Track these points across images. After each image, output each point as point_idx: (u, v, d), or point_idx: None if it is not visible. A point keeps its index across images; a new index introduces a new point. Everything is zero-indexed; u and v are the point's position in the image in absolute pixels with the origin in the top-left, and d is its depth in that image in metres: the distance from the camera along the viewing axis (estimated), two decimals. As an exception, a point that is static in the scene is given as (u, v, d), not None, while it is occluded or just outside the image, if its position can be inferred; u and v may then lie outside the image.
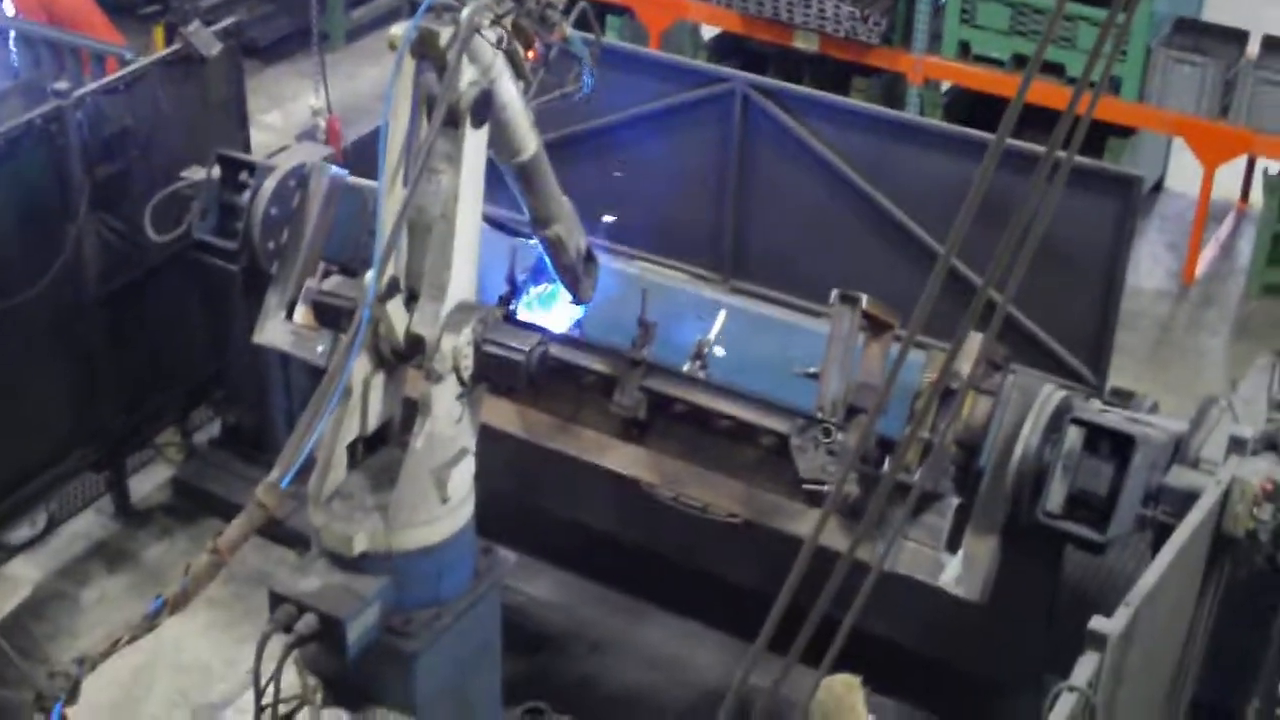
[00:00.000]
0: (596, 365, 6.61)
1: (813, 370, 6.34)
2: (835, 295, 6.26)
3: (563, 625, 7.99)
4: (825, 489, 6.26)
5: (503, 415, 6.86)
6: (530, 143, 5.86)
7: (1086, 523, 6.13)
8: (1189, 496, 6.03)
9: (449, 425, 5.65)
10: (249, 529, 5.24)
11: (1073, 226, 6.74)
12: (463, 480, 5.76)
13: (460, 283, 5.59)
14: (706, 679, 7.60)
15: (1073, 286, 6.91)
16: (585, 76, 6.14)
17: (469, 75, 5.38)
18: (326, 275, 6.85)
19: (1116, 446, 6.12)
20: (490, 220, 6.44)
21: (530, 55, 5.83)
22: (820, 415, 6.25)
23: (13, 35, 9.57)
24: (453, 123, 5.41)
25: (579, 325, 6.93)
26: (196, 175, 7.45)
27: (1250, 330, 10.81)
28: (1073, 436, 6.13)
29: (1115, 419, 6.22)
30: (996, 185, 6.90)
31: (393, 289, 5.47)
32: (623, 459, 6.66)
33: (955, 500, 6.26)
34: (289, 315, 7.16)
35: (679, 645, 7.87)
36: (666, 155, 7.52)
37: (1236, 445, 6.08)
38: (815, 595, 4.46)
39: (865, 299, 6.25)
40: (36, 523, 8.64)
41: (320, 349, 6.82)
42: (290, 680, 5.58)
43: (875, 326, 6.47)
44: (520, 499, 7.99)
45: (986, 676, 7.32)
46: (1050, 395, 6.21)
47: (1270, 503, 5.95)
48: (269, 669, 5.49)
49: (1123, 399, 7.16)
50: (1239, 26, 11.35)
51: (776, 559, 6.73)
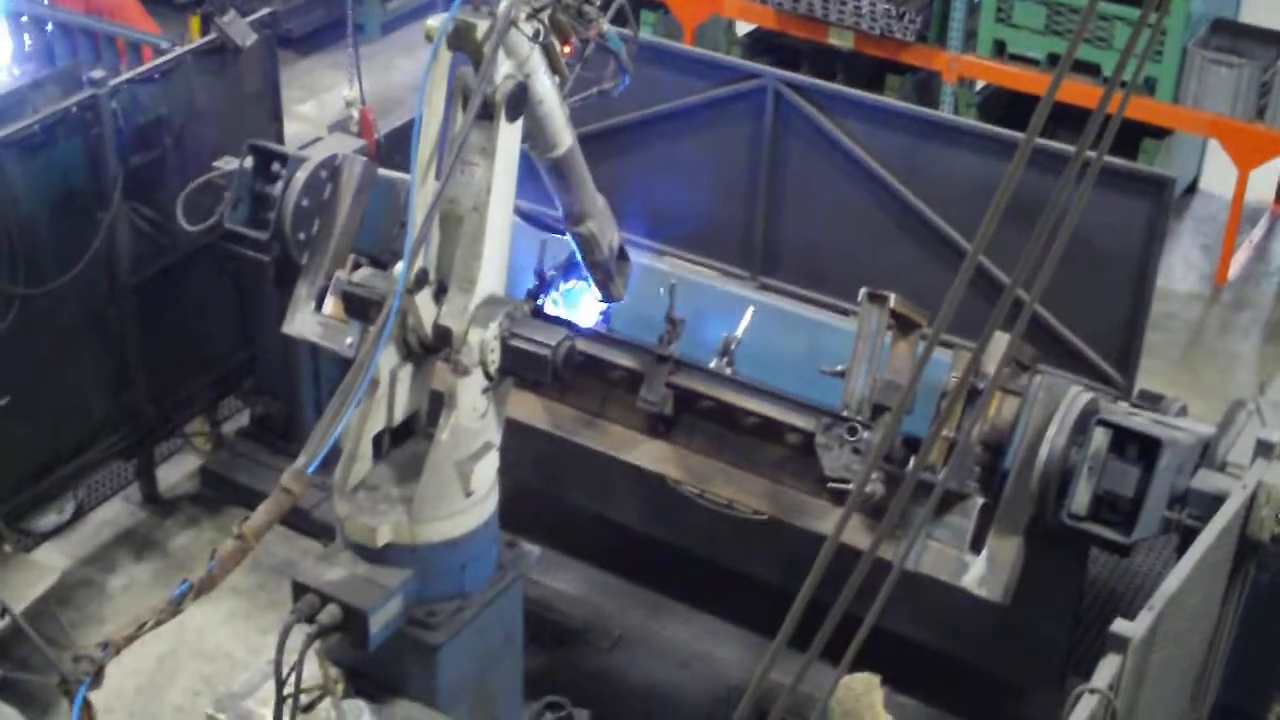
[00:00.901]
0: (624, 360, 6.61)
1: (839, 368, 6.33)
2: (863, 294, 6.24)
3: (587, 619, 8.00)
4: (849, 487, 6.26)
5: (530, 409, 6.88)
6: (565, 138, 5.87)
7: (1111, 525, 6.13)
8: (1215, 500, 6.02)
9: (474, 419, 5.66)
10: (275, 515, 5.27)
11: (1104, 227, 6.71)
12: (487, 474, 5.78)
13: (490, 276, 5.60)
14: (729, 675, 7.61)
15: (1102, 288, 6.87)
16: (622, 73, 6.14)
17: (505, 69, 5.39)
18: (357, 267, 6.89)
19: (1143, 449, 6.11)
20: (522, 214, 6.47)
21: (567, 50, 5.84)
22: (846, 413, 6.24)
23: (50, 24, 9.60)
24: (487, 116, 5.42)
25: (607, 320, 6.93)
26: (229, 165, 7.53)
27: (1283, 333, 10.79)
28: (1099, 438, 6.11)
29: (1142, 421, 6.20)
30: (1027, 185, 6.89)
31: (422, 280, 5.49)
32: (649, 454, 6.67)
33: (980, 500, 6.25)
34: (318, 306, 7.20)
35: (702, 641, 7.88)
36: (698, 151, 7.51)
37: (1263, 449, 6.06)
38: (837, 593, 4.45)
39: (893, 298, 6.23)
40: (64, 510, 8.70)
41: (349, 340, 6.86)
42: (313, 670, 5.59)
43: (903, 325, 6.45)
44: (547, 493, 8.02)
45: (1010, 678, 7.32)
46: (1077, 396, 6.20)
47: (1297, 507, 5.94)
48: (291, 659, 5.52)
49: (1151, 402, 7.12)
50: (1277, 28, 11.29)
51: (800, 557, 6.74)
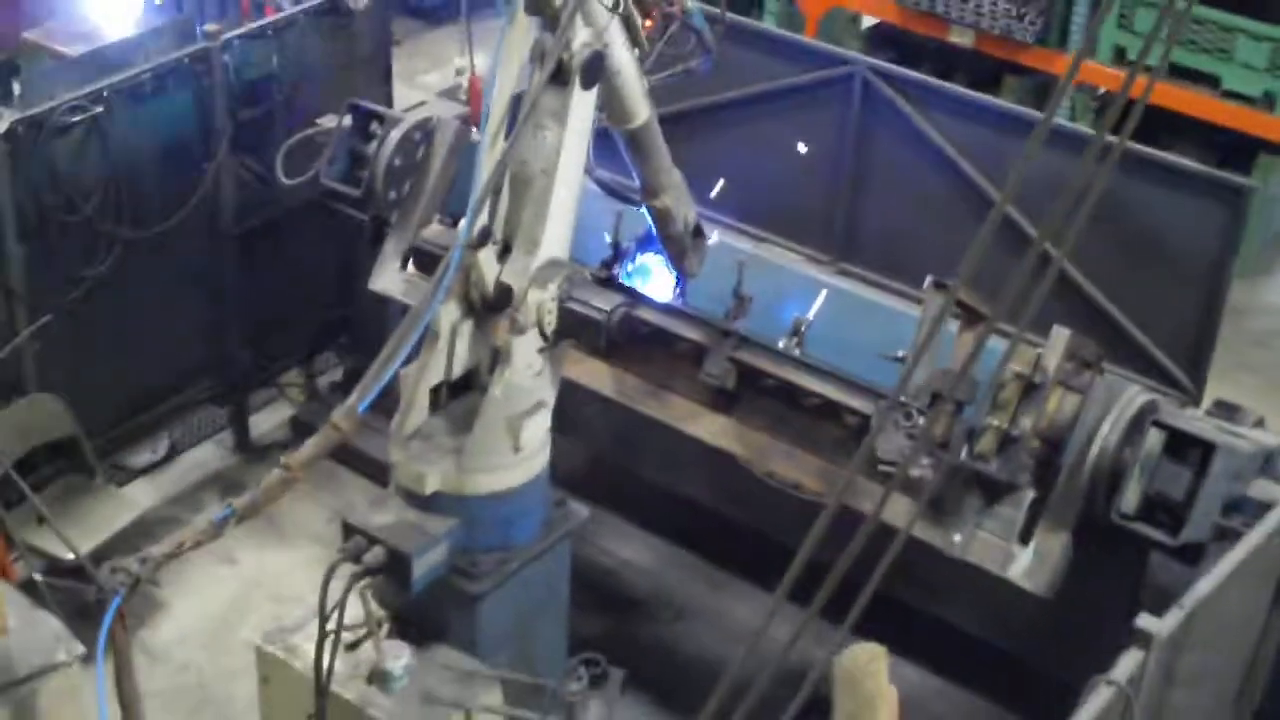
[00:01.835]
0: (689, 333, 6.70)
1: (900, 354, 6.38)
2: (929, 281, 6.29)
3: (652, 590, 8.11)
4: (908, 473, 6.30)
5: (599, 376, 7.00)
6: (642, 110, 5.97)
7: (1161, 526, 6.12)
8: (1268, 509, 6.00)
9: (528, 377, 5.80)
10: (322, 449, 5.46)
11: (1180, 231, 6.73)
12: (537, 432, 5.91)
13: (554, 239, 5.73)
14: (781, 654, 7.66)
15: (1176, 292, 6.87)
16: (705, 53, 6.21)
17: (582, 36, 5.50)
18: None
19: (1197, 452, 6.09)
20: (604, 184, 6.58)
21: (648, 24, 5.94)
22: (903, 398, 6.28)
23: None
24: (562, 81, 5.53)
25: (683, 296, 7.02)
26: (329, 123, 7.71)
27: (1392, 358, 10.61)
28: (1153, 439, 6.11)
29: (1197, 424, 6.18)
30: (1109, 184, 6.96)
31: (484, 237, 5.62)
32: (709, 428, 6.76)
33: (1031, 494, 6.27)
34: (404, 264, 7.38)
35: (760, 619, 7.93)
36: (785, 135, 7.59)
37: (1317, 460, 6.04)
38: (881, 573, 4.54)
39: (958, 286, 6.25)
40: (158, 449, 8.95)
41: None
42: (362, 611, 5.77)
43: (970, 316, 6.48)
44: (622, 465, 8.14)
45: (1060, 674, 7.31)
46: (1134, 396, 6.20)
47: (1348, 522, 5.89)
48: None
49: (1228, 411, 7.07)
50: None
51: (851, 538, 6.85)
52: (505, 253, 5.73)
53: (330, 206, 8.43)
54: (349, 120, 7.59)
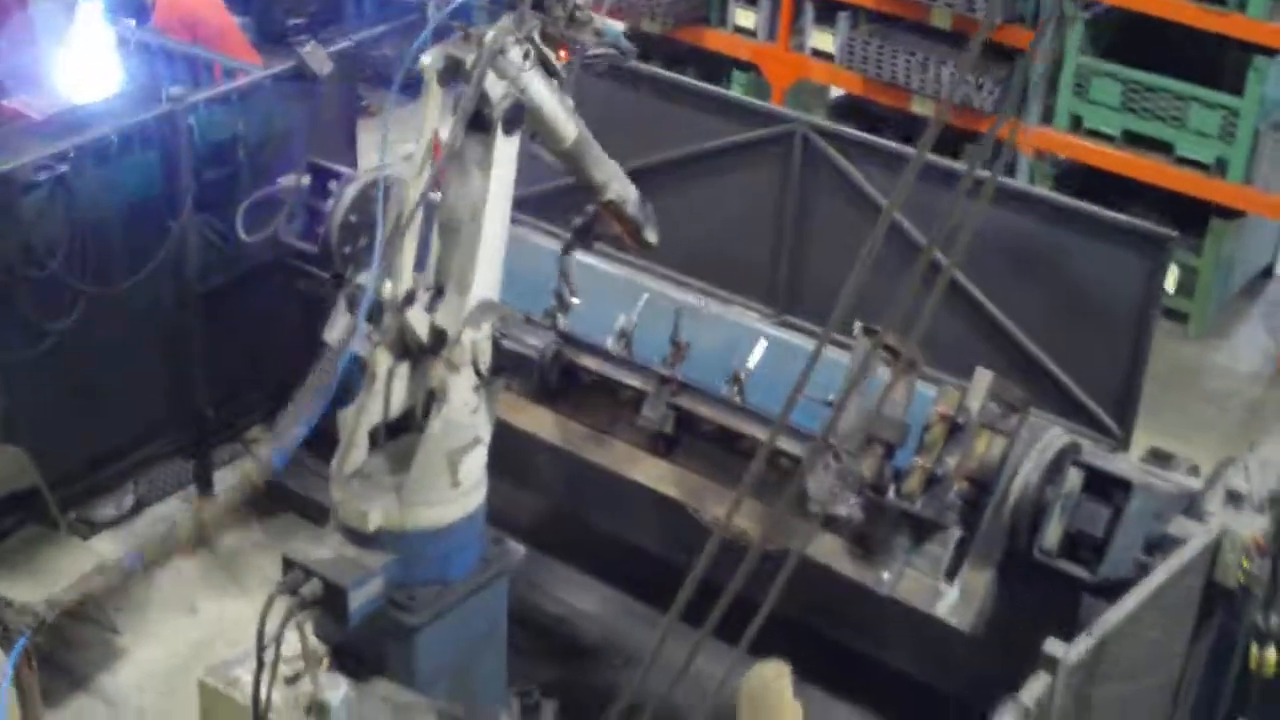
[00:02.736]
0: (630, 380, 6.92)
1: (830, 398, 6.56)
2: (857, 327, 6.48)
3: (603, 637, 8.26)
4: (835, 512, 6.49)
5: (543, 423, 7.21)
6: (570, 130, 6.22)
7: (1083, 563, 6.29)
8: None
9: (465, 414, 5.99)
10: (235, 500, 5.65)
11: (1105, 281, 6.93)
12: (474, 467, 6.09)
13: (484, 281, 5.95)
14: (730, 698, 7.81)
15: (1104, 340, 7.05)
16: (624, 54, 6.44)
17: (499, 90, 5.75)
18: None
19: (1117, 492, 6.28)
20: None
21: (563, 55, 6.18)
22: (834, 441, 6.46)
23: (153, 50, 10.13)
24: (485, 129, 5.78)
25: (626, 343, 7.22)
26: (290, 183, 7.96)
27: (1344, 420, 10.79)
28: (1073, 478, 6.31)
29: (1115, 464, 6.37)
30: (1034, 235, 7.19)
31: (409, 299, 5.87)
32: (649, 472, 6.97)
33: (957, 533, 6.45)
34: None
35: (712, 665, 8.07)
36: (728, 191, 7.81)
37: (1233, 499, 6.21)
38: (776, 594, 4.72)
39: (886, 332, 6.45)
40: (123, 504, 9.11)
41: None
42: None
43: (901, 363, 6.67)
44: (568, 511, 8.32)
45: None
46: (1055, 437, 6.40)
47: (1261, 557, 6.06)
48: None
49: (1161, 460, 7.24)
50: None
51: (789, 579, 7.01)
52: (437, 296, 5.94)
53: (292, 265, 8.68)
54: (307, 179, 7.84)
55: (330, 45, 9.08)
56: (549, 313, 7.03)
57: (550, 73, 6.00)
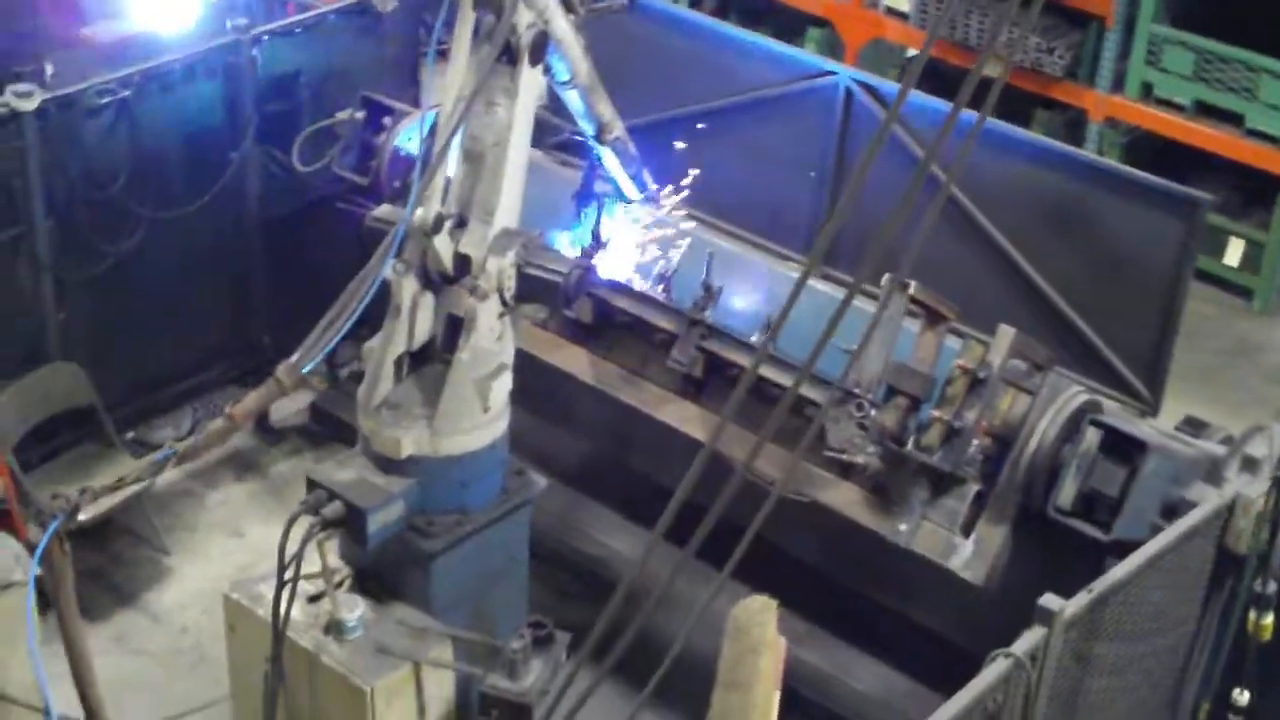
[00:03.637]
0: (660, 321, 7.00)
1: (853, 347, 6.61)
2: (886, 278, 6.52)
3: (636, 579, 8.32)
4: (852, 460, 6.55)
5: (578, 363, 7.32)
6: (584, 64, 6.44)
7: (1097, 523, 6.31)
8: (1203, 509, 6.16)
9: (491, 341, 6.14)
10: (264, 401, 5.81)
11: (1138, 243, 6.92)
12: (501, 393, 6.24)
13: (507, 208, 6.10)
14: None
15: (1137, 304, 7.04)
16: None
17: (525, 18, 5.89)
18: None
19: (1134, 453, 6.28)
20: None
21: None
22: (856, 390, 6.52)
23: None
24: (511, 60, 5.95)
25: (666, 287, 7.30)
26: (345, 116, 8.09)
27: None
28: (1090, 438, 6.31)
29: (1132, 425, 6.38)
30: (1071, 195, 7.18)
31: (438, 224, 6.00)
32: (676, 413, 7.05)
33: (975, 487, 6.48)
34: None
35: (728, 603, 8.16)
36: (772, 141, 7.86)
37: (1249, 464, 6.20)
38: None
39: (915, 285, 6.49)
40: (181, 427, 9.31)
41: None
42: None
43: (931, 316, 6.70)
44: (606, 454, 8.41)
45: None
46: (1074, 395, 6.41)
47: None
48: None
49: (1196, 427, 7.23)
50: None
51: (805, 524, 7.09)
52: (460, 225, 6.06)
53: (347, 201, 8.80)
54: (362, 114, 7.97)
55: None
56: (586, 253, 7.12)
57: (569, 8, 6.17)
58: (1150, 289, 6.96)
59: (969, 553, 6.46)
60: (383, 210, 6.40)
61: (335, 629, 6.13)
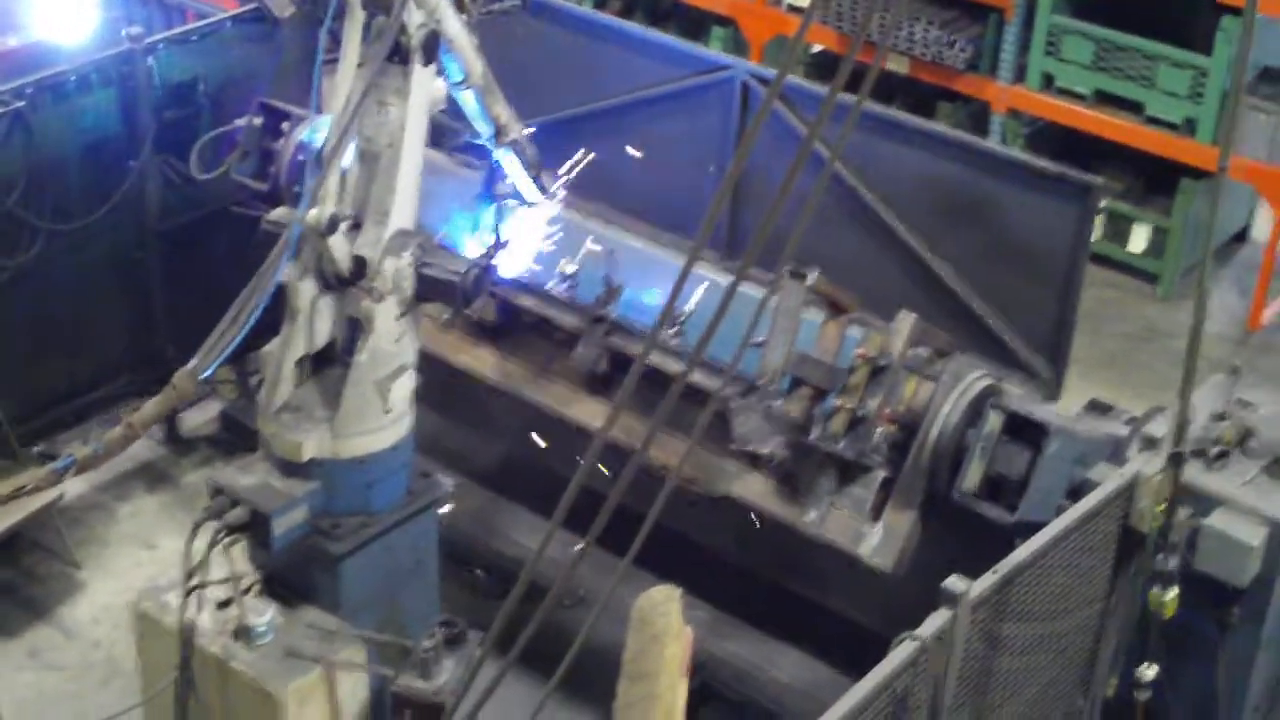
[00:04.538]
0: (564, 319, 7.03)
1: (759, 340, 6.66)
2: (785, 270, 6.56)
3: (552, 579, 8.32)
4: (757, 451, 6.60)
5: (485, 363, 7.33)
6: (477, 65, 6.43)
7: (1003, 506, 6.38)
8: (1105, 490, 6.24)
9: (390, 342, 6.14)
10: (163, 408, 5.79)
11: (1034, 228, 7.01)
12: (403, 395, 6.25)
13: (402, 209, 6.12)
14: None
15: (1036, 288, 7.11)
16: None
17: (417, 18, 5.91)
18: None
19: (1036, 435, 6.36)
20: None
21: None
22: (760, 382, 6.56)
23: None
24: (403, 60, 5.96)
25: (571, 285, 7.32)
26: (244, 123, 8.05)
27: (1306, 379, 10.84)
28: (993, 421, 6.39)
29: (1032, 408, 6.45)
30: (968, 183, 7.26)
31: (333, 224, 6.00)
32: (583, 411, 7.07)
33: (881, 474, 6.54)
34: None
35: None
36: (672, 137, 7.90)
37: (1148, 443, 6.28)
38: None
39: (813, 276, 6.55)
40: (87, 440, 9.22)
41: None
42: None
43: (834, 308, 6.76)
44: (533, 460, 8.41)
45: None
46: (976, 379, 6.48)
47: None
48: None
49: (1100, 410, 7.32)
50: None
51: (715, 517, 7.14)
52: (355, 228, 6.07)
53: (245, 210, 8.77)
54: (260, 120, 7.94)
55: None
56: (486, 254, 7.12)
57: (460, 8, 6.20)
58: (1049, 274, 7.05)
59: (878, 539, 6.52)
60: (278, 213, 6.37)
61: (244, 634, 6.11)
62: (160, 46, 8.57)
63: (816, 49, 13.02)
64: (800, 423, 6.52)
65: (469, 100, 6.58)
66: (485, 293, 6.43)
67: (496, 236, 7.14)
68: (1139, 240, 11.67)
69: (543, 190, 7.06)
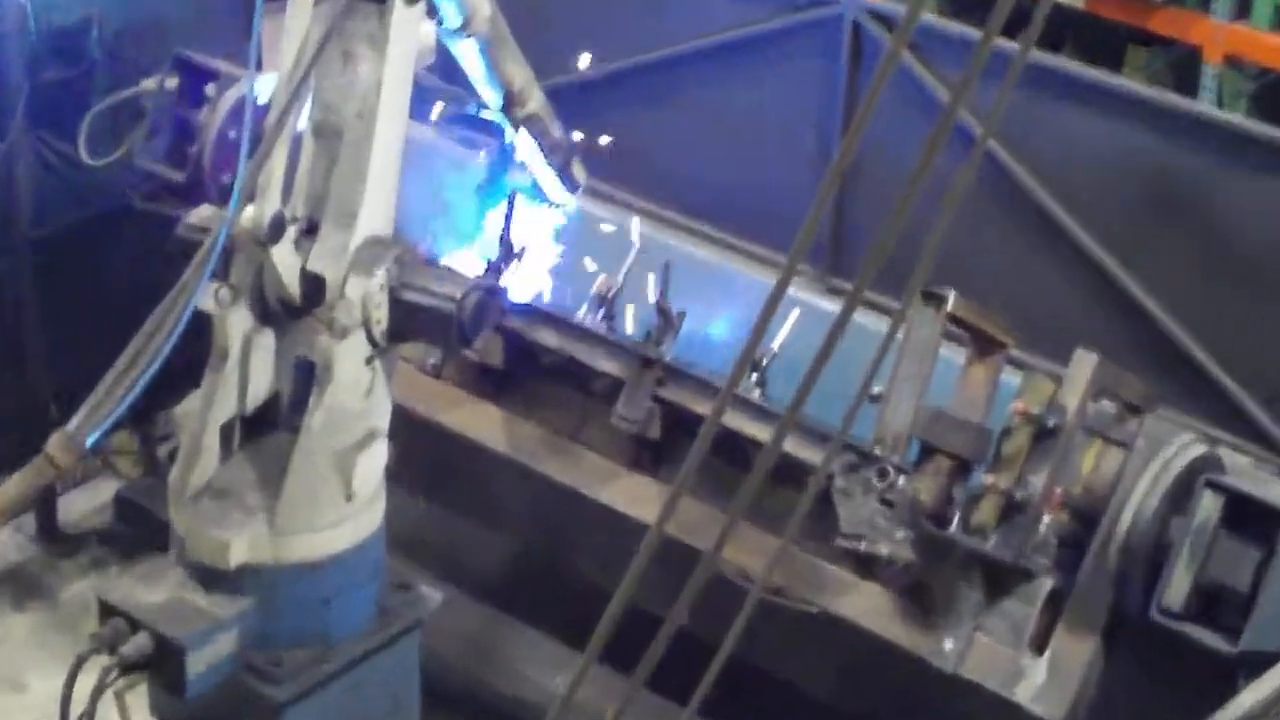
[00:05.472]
0: (601, 363, 6.99)
1: (876, 391, 6.59)
2: (914, 292, 6.50)
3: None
4: (873, 551, 6.54)
5: (488, 426, 7.31)
6: (484, 5, 6.37)
7: (1220, 628, 6.28)
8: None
9: (355, 398, 6.06)
10: (31, 487, 5.77)
11: (1272, 230, 6.96)
12: (371, 473, 6.17)
13: (375, 208, 6.01)
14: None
15: (1273, 318, 7.06)
16: None
17: None
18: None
19: (1270, 527, 6.26)
20: None
21: None
22: (877, 450, 6.50)
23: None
24: None
25: (608, 313, 7.30)
26: (152, 85, 8.06)
27: None
28: (1208, 507, 6.27)
29: (1269, 489, 6.35)
30: (1172, 164, 7.21)
31: (278, 228, 5.90)
32: (626, 493, 7.02)
33: (1049, 583, 6.46)
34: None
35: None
36: (752, 99, 7.87)
37: None
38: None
39: (953, 299, 6.48)
40: (-62, 538, 9.28)
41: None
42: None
43: (982, 344, 6.69)
44: (542, 557, 8.39)
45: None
46: (1184, 447, 6.38)
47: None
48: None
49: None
50: None
51: (816, 645, 7.07)
52: (308, 234, 6.00)
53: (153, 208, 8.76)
54: (175, 81, 7.94)
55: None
56: (493, 270, 7.10)
57: None
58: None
59: (1042, 678, 6.44)
60: (201, 214, 6.31)
61: (143, 817, 6.08)
62: (36, -22, 8.57)
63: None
64: (934, 510, 6.46)
65: (471, 54, 6.51)
66: (489, 326, 6.33)
67: (506, 247, 7.12)
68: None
69: (572, 184, 7.00)
